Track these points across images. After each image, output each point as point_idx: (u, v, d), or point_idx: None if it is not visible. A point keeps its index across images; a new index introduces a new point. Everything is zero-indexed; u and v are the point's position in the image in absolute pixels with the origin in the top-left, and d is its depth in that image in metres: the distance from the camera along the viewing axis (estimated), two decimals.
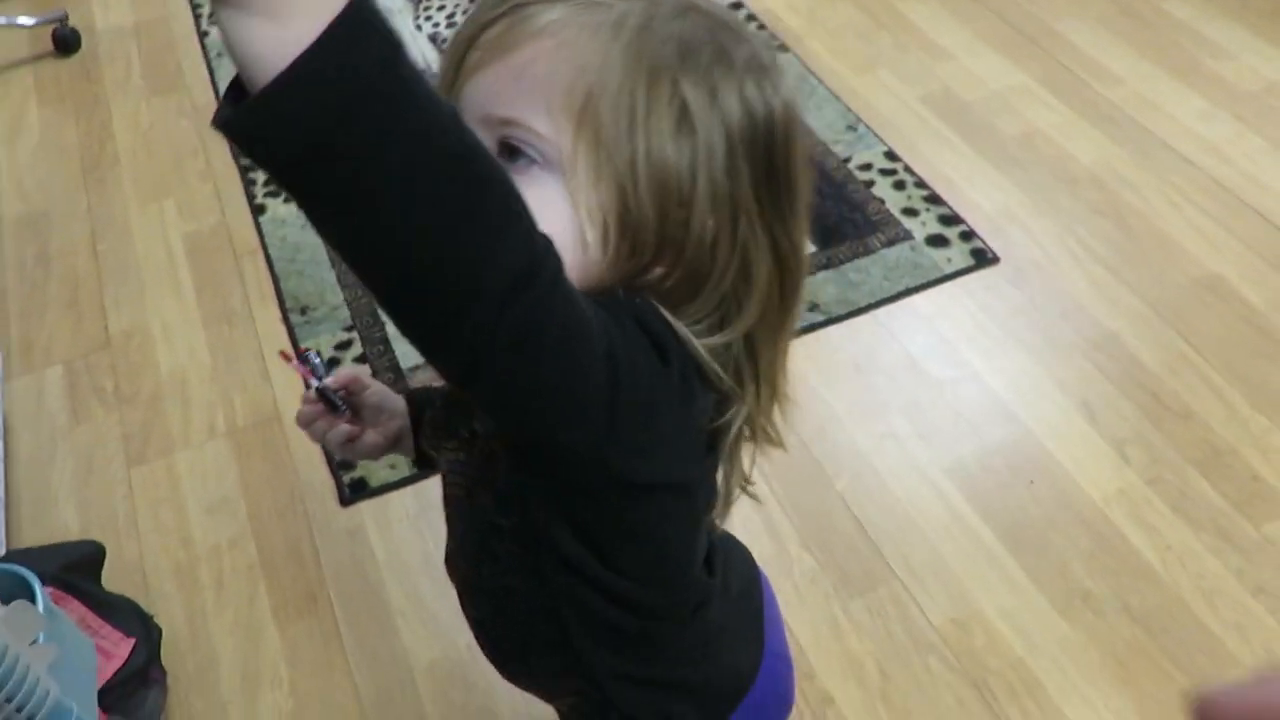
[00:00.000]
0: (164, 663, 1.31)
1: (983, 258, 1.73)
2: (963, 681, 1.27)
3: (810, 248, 1.76)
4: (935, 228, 1.78)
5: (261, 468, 1.54)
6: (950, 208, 1.81)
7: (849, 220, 1.80)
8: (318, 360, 0.75)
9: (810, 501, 1.45)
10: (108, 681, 1.15)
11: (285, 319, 1.72)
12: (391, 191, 0.39)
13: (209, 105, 2.14)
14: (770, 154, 0.55)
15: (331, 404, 0.75)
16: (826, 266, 1.73)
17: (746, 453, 0.64)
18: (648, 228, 0.54)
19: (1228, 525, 1.39)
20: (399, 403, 0.80)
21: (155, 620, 1.33)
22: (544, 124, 0.53)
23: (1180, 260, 1.70)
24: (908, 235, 1.77)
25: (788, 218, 0.57)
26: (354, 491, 1.49)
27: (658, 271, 0.56)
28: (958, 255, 1.73)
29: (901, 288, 1.69)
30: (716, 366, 0.56)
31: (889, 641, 1.32)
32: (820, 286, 1.70)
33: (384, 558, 1.43)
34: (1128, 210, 1.78)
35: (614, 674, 0.69)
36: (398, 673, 1.32)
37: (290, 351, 0.69)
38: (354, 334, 1.69)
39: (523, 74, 0.53)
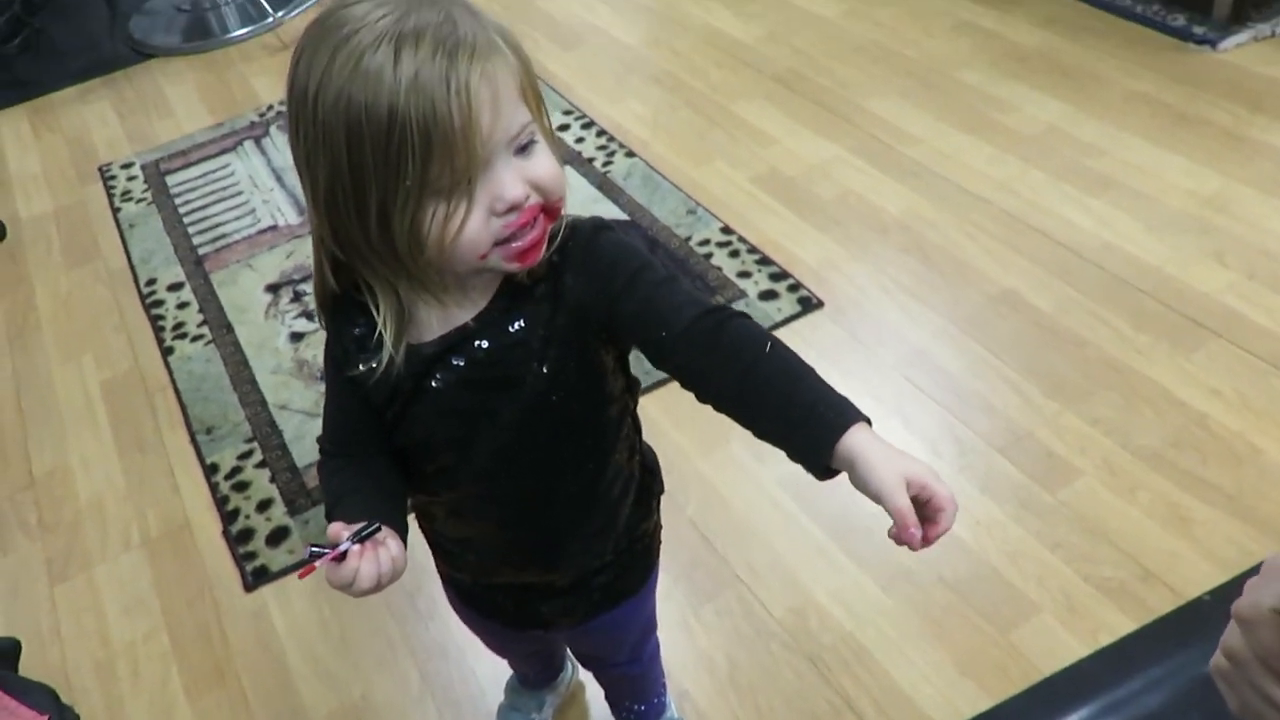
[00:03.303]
0: None
1: (808, 303, 1.95)
2: (800, 659, 1.42)
3: None
4: (766, 284, 2.00)
5: (173, 568, 1.69)
6: (779, 266, 2.04)
7: None
8: (318, 547, 0.75)
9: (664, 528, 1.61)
10: None
11: (193, 439, 1.90)
12: None
13: (123, 269, 2.37)
14: None
15: (368, 535, 0.75)
16: None
17: None
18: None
19: (1027, 496, 1.57)
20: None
21: (74, 709, 1.46)
22: (525, 115, 0.72)
23: (977, 280, 1.93)
24: (742, 294, 1.99)
25: None
26: (256, 578, 1.64)
27: None
28: (786, 304, 1.95)
29: None
30: None
31: (735, 636, 1.47)
32: None
33: (285, 631, 1.57)
34: (930, 246, 2.02)
35: (643, 458, 0.98)
36: None
37: (305, 568, 0.75)
38: (254, 444, 1.87)
39: (501, 92, 0.69)
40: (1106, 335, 1.79)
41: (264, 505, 1.76)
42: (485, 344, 0.79)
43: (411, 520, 0.88)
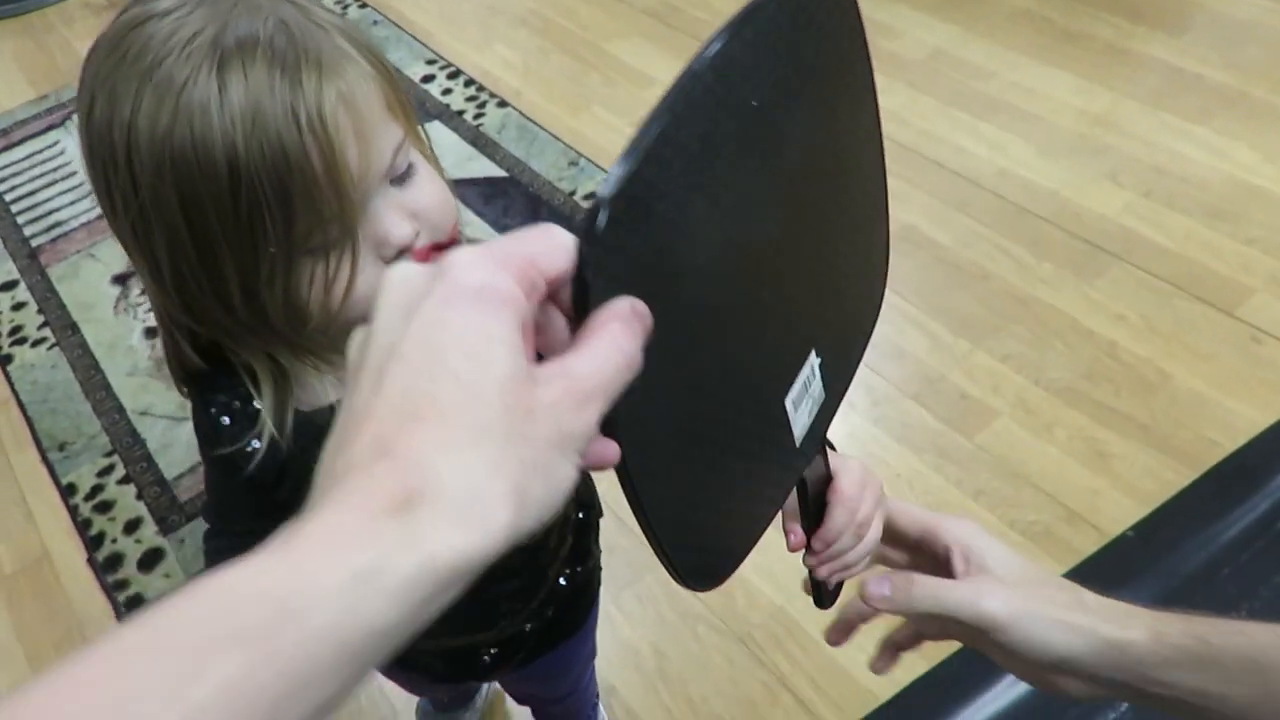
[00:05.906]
0: None
1: None
2: (730, 641, 1.35)
3: None
4: None
5: (34, 608, 1.52)
6: None
7: None
8: None
9: None
10: None
11: (44, 458, 1.72)
12: None
13: None
14: None
15: None
16: None
17: None
18: None
19: (945, 443, 1.52)
20: None
21: None
22: (397, 133, 0.56)
23: None
24: None
25: None
26: (130, 608, 1.49)
27: None
28: None
29: None
30: None
31: (660, 623, 1.39)
32: None
33: None
34: None
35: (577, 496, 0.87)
36: None
37: None
38: (115, 458, 1.69)
39: (365, 114, 0.54)
40: (1009, 266, 1.74)
41: (132, 526, 1.60)
42: None
43: None
